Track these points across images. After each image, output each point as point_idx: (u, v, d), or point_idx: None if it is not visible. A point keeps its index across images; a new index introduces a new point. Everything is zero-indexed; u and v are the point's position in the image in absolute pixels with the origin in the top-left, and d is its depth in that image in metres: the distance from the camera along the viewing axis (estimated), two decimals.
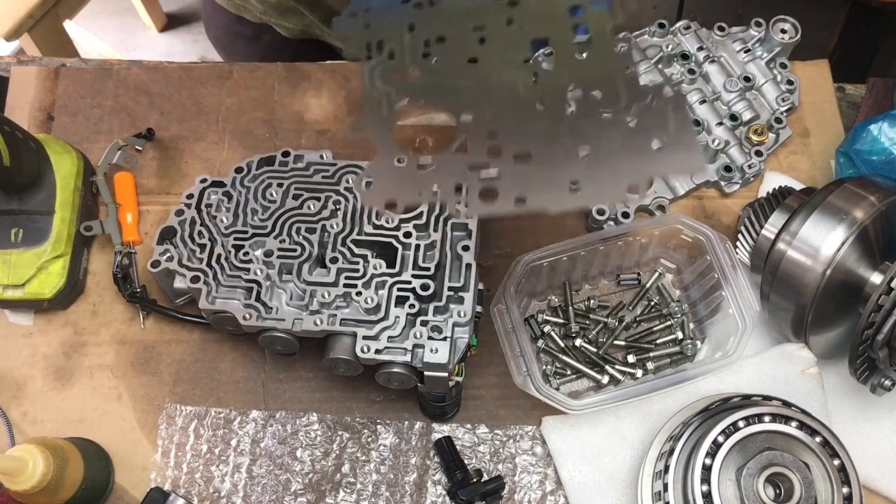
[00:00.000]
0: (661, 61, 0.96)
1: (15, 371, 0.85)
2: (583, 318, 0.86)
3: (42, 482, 0.69)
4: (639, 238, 0.83)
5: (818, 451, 0.68)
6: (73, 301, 0.87)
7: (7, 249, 0.84)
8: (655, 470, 0.74)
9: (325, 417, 0.83)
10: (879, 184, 0.76)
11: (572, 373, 0.84)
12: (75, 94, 0.97)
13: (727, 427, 0.69)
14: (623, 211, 0.88)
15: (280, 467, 0.81)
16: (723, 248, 0.80)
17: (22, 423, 0.83)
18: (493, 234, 0.90)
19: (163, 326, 0.87)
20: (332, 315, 0.74)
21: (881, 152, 0.82)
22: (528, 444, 0.81)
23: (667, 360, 0.84)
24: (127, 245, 0.88)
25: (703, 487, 0.67)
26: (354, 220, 0.78)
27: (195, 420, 0.82)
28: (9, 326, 0.87)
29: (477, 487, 0.77)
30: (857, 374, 0.74)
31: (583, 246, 0.81)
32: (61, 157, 0.87)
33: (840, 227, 0.73)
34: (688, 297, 0.87)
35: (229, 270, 0.76)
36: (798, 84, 0.96)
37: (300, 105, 0.97)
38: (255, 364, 0.85)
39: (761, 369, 0.81)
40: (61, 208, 0.85)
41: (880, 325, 0.69)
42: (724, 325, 0.81)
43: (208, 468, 0.81)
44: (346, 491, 0.80)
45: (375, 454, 0.81)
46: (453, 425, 0.82)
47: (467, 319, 0.73)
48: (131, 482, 0.81)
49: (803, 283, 0.74)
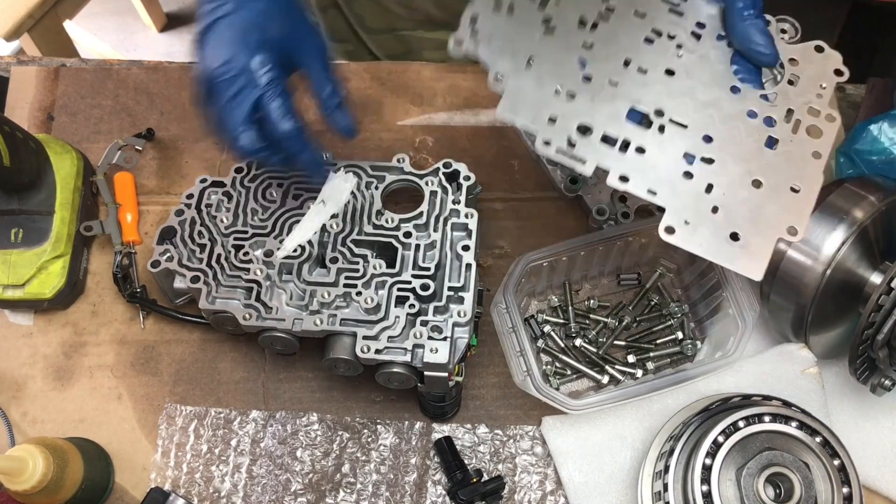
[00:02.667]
0: None
1: (15, 371, 0.85)
2: (583, 318, 0.86)
3: (42, 482, 0.69)
4: (639, 238, 0.83)
5: (818, 451, 0.68)
6: (73, 301, 0.87)
7: (7, 249, 0.84)
8: (655, 470, 0.74)
9: (325, 417, 0.83)
10: (879, 184, 0.76)
11: (572, 373, 0.84)
12: (75, 94, 0.97)
13: (727, 427, 0.69)
14: (623, 211, 0.88)
15: (280, 467, 0.81)
16: None
17: (22, 423, 0.83)
18: (492, 234, 0.90)
19: (163, 326, 0.87)
20: (332, 315, 0.74)
21: (881, 152, 0.82)
22: (528, 444, 0.81)
23: (667, 360, 0.84)
24: (127, 245, 0.88)
25: (703, 487, 0.67)
26: (354, 220, 0.78)
27: (195, 420, 0.82)
28: (9, 326, 0.87)
29: (477, 487, 0.77)
30: (857, 374, 0.74)
31: (583, 246, 0.81)
32: (61, 157, 0.87)
33: (840, 227, 0.73)
34: (688, 297, 0.87)
35: (229, 270, 0.76)
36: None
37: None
38: (255, 364, 0.85)
39: (761, 369, 0.81)
40: (61, 208, 0.85)
41: (880, 325, 0.69)
42: (724, 325, 0.81)
43: (208, 468, 0.81)
44: (346, 491, 0.80)
45: (375, 454, 0.81)
46: (453, 425, 0.82)
47: (467, 319, 0.73)
48: (131, 482, 0.81)
49: (803, 283, 0.74)
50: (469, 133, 0.96)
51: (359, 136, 0.74)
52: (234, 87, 0.66)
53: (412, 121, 0.96)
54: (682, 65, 0.65)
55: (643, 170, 0.62)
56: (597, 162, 0.61)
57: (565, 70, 0.64)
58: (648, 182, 0.62)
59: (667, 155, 0.62)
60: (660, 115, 0.64)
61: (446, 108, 0.97)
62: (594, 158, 0.62)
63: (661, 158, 0.62)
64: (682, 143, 0.63)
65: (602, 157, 0.62)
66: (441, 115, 0.97)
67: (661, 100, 0.64)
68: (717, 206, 0.62)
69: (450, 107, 0.97)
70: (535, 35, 0.66)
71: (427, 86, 0.98)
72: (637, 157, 0.62)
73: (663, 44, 0.66)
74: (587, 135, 0.63)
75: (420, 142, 0.95)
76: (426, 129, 0.96)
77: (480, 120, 0.96)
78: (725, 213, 0.61)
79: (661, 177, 0.62)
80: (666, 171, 0.62)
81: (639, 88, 0.64)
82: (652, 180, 0.62)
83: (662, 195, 0.62)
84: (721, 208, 0.62)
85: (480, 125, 0.96)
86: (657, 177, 0.62)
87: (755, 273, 0.60)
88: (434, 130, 0.96)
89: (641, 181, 0.61)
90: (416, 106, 0.97)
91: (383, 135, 0.96)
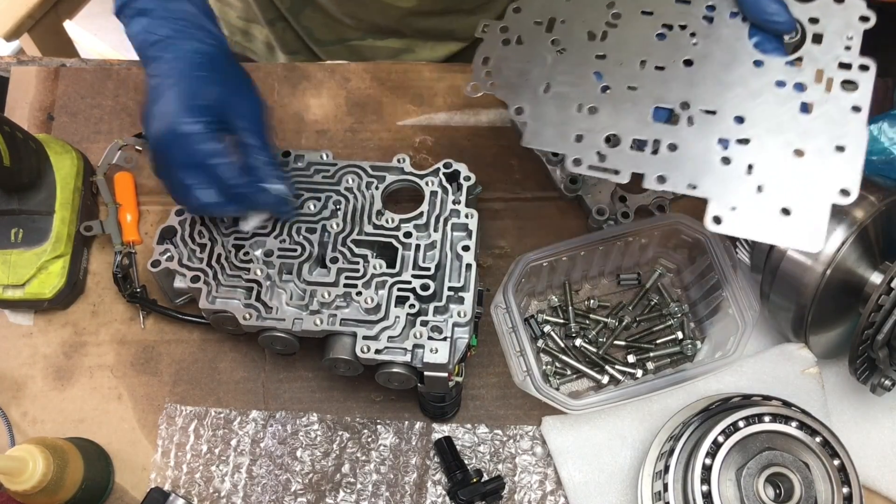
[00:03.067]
0: None
1: (15, 371, 0.85)
2: (583, 318, 0.86)
3: (42, 482, 0.69)
4: (639, 238, 0.83)
5: (818, 451, 0.68)
6: (73, 301, 0.87)
7: (7, 249, 0.84)
8: (655, 470, 0.74)
9: (325, 417, 0.83)
10: (879, 184, 0.76)
11: (572, 373, 0.84)
12: (75, 94, 0.97)
13: (727, 427, 0.69)
14: (623, 211, 0.88)
15: (280, 467, 0.81)
16: (723, 248, 0.80)
17: (22, 423, 0.83)
18: (492, 234, 0.90)
19: (163, 326, 0.87)
20: (332, 315, 0.74)
21: (881, 152, 0.82)
22: (528, 444, 0.81)
23: (667, 360, 0.84)
24: (127, 245, 0.88)
25: (703, 487, 0.67)
26: (354, 220, 0.78)
27: (195, 420, 0.82)
28: (9, 326, 0.87)
29: (477, 487, 0.77)
30: (857, 374, 0.74)
31: (583, 246, 0.81)
32: (61, 157, 0.87)
33: (840, 227, 0.73)
34: (688, 297, 0.87)
35: (229, 270, 0.76)
36: None
37: (300, 105, 0.97)
38: (255, 364, 0.85)
39: (761, 369, 0.81)
40: (61, 208, 0.85)
41: (880, 325, 0.69)
42: (724, 325, 0.81)
43: (208, 468, 0.81)
44: (346, 491, 0.80)
45: (375, 454, 0.81)
46: (453, 425, 0.82)
47: (467, 319, 0.73)
48: (131, 482, 0.81)
49: (803, 282, 0.74)
50: (469, 133, 0.96)
51: (293, 210, 0.77)
52: (182, 155, 0.69)
53: (412, 121, 0.96)
54: (699, 52, 0.64)
55: (679, 166, 0.61)
56: (632, 169, 0.61)
57: (583, 86, 0.64)
58: (687, 177, 0.61)
59: (700, 145, 0.61)
60: (686, 108, 0.63)
61: (446, 108, 0.97)
62: (628, 166, 0.61)
63: (695, 150, 0.61)
64: (714, 130, 0.62)
65: (636, 164, 0.61)
66: (441, 115, 0.97)
67: (685, 92, 0.63)
68: (762, 185, 0.60)
69: (450, 107, 0.97)
70: (547, 59, 0.66)
71: (427, 86, 0.98)
72: (671, 155, 0.61)
73: (676, 36, 0.65)
74: (617, 145, 0.62)
75: (420, 142, 0.95)
76: (426, 129, 0.96)
77: (480, 120, 0.96)
78: (771, 190, 0.60)
79: (698, 168, 0.61)
80: (703, 162, 0.61)
81: (659, 86, 0.64)
82: (690, 174, 0.61)
83: (703, 187, 0.60)
84: (766, 186, 0.60)
85: (480, 125, 0.96)
86: (695, 169, 0.61)
87: (815, 244, 0.59)
88: (434, 130, 0.96)
89: (680, 178, 0.60)
90: (416, 106, 0.97)
91: (383, 135, 0.96)
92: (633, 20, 0.67)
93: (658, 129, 0.62)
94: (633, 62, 0.65)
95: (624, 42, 0.66)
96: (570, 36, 0.67)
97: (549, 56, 0.66)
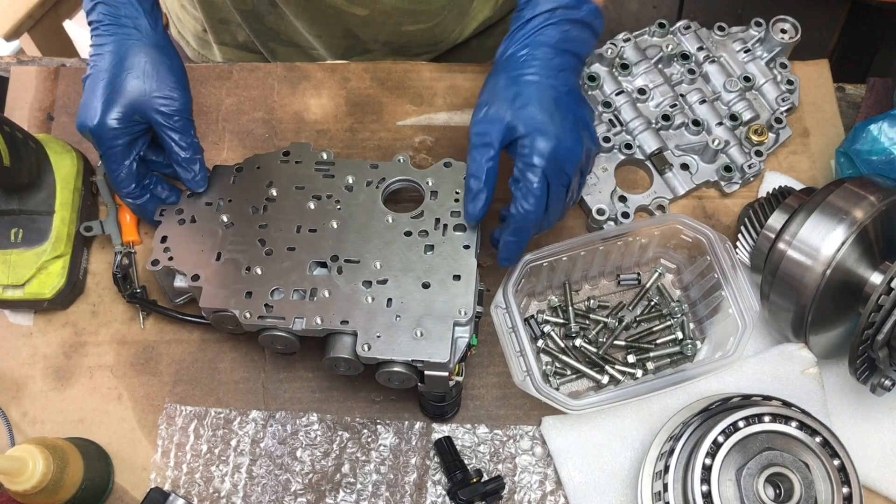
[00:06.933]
0: (661, 61, 0.96)
1: (15, 371, 0.85)
2: (583, 318, 0.86)
3: (42, 482, 0.69)
4: (639, 238, 0.83)
5: (818, 451, 0.68)
6: (73, 301, 0.87)
7: (7, 249, 0.84)
8: (655, 470, 0.74)
9: (325, 417, 0.83)
10: (879, 184, 0.76)
11: (572, 373, 0.84)
12: (75, 94, 0.97)
13: (727, 427, 0.69)
14: (623, 211, 0.88)
15: (280, 467, 0.81)
16: (723, 248, 0.80)
17: (22, 423, 0.83)
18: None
19: (163, 326, 0.87)
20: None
21: (881, 152, 0.82)
22: (528, 444, 0.81)
23: (667, 360, 0.84)
24: (127, 245, 0.88)
25: (703, 487, 0.67)
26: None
27: (195, 420, 0.82)
28: (9, 326, 0.87)
29: (477, 487, 0.77)
30: (857, 374, 0.74)
31: (583, 246, 0.81)
32: (61, 157, 0.87)
33: (840, 227, 0.73)
34: (688, 297, 0.87)
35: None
36: (798, 84, 0.96)
37: (300, 105, 0.97)
38: (255, 364, 0.85)
39: (761, 369, 0.81)
40: (61, 208, 0.85)
41: (880, 325, 0.69)
42: (724, 325, 0.81)
43: (208, 468, 0.81)
44: (346, 491, 0.80)
45: (375, 454, 0.81)
46: (453, 425, 0.82)
47: (467, 319, 0.73)
48: (131, 482, 0.81)
49: (803, 283, 0.74)
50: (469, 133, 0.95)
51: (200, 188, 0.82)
52: (100, 148, 0.78)
53: (412, 121, 0.96)
54: (343, 215, 0.79)
55: (333, 307, 0.74)
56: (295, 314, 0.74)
57: (250, 252, 0.77)
58: (340, 315, 0.73)
59: (349, 288, 0.75)
60: (336, 260, 0.76)
61: (446, 108, 0.97)
62: (292, 313, 0.74)
63: (345, 292, 0.75)
64: (359, 275, 0.75)
65: (299, 310, 0.74)
66: (441, 115, 0.97)
67: (334, 247, 0.77)
68: (399, 315, 0.73)
69: (450, 107, 0.97)
70: (218, 233, 0.79)
71: (427, 86, 0.98)
72: (327, 299, 0.74)
73: (324, 204, 0.80)
74: (282, 296, 0.75)
75: (420, 142, 0.95)
76: (426, 129, 0.96)
77: None
78: (406, 317, 0.73)
79: (350, 307, 0.74)
80: (353, 302, 0.74)
81: (313, 245, 0.77)
82: (343, 312, 0.73)
83: (353, 321, 0.73)
84: (402, 315, 0.73)
85: None
86: (347, 308, 0.74)
87: (442, 357, 0.71)
88: (434, 130, 0.96)
89: (335, 316, 0.73)
90: (416, 106, 0.97)
91: (383, 135, 0.96)
92: (288, 194, 0.80)
93: (314, 279, 0.76)
94: (290, 228, 0.79)
95: (282, 212, 0.80)
96: (236, 213, 0.80)
97: (219, 230, 0.79)
